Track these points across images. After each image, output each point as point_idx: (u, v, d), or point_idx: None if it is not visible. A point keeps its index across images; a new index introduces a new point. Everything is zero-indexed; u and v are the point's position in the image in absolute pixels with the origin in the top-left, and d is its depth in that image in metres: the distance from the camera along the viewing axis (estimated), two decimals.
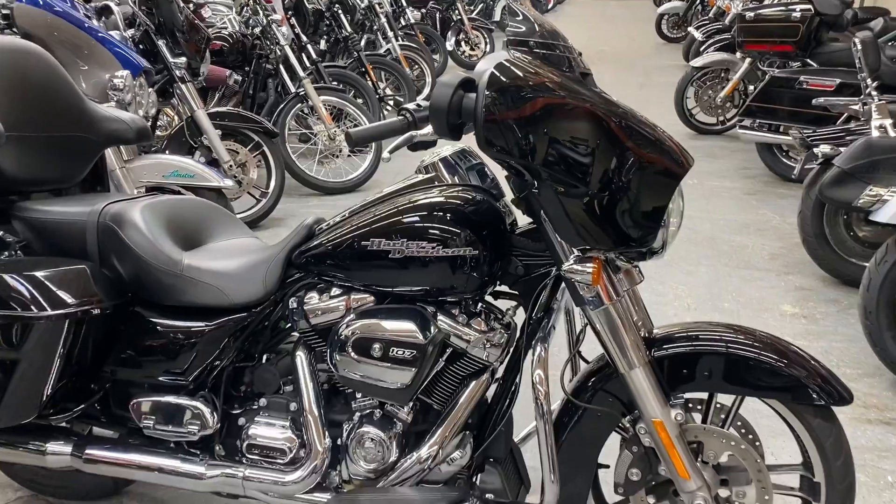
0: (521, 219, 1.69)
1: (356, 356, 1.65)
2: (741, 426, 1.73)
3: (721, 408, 1.72)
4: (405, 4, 9.01)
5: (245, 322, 1.80)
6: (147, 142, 2.61)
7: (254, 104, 5.64)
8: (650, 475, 1.70)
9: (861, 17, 5.93)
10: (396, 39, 7.73)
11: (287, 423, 1.80)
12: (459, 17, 10.00)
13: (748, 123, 5.10)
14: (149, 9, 4.16)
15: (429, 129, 1.56)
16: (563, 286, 1.68)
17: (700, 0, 11.78)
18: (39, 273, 1.74)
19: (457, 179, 1.72)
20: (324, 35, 7.11)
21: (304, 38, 5.92)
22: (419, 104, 1.52)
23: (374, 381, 1.65)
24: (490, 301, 1.75)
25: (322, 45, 7.03)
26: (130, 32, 4.08)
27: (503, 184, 1.71)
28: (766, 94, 4.96)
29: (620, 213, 1.43)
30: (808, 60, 5.31)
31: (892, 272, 2.72)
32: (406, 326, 1.62)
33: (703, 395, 1.71)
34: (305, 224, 1.81)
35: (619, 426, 1.73)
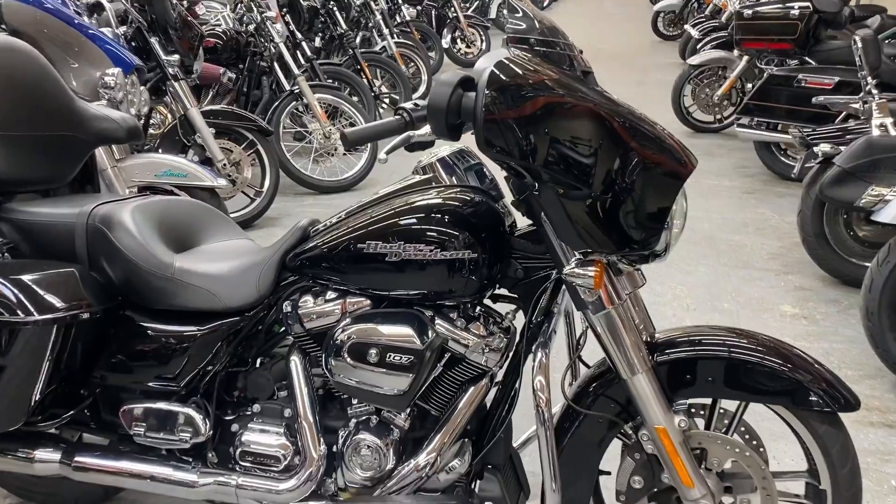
0: (521, 220, 1.65)
1: (352, 361, 1.61)
2: (745, 431, 1.70)
3: (724, 413, 1.69)
4: (401, 1, 8.97)
5: (238, 326, 1.76)
6: (138, 141, 2.57)
7: (248, 102, 5.59)
8: (653, 483, 1.67)
9: (858, 15, 5.90)
10: (392, 37, 7.68)
11: (281, 430, 1.76)
12: (455, 15, 9.95)
13: (746, 122, 5.08)
14: (141, 5, 4.12)
15: (426, 130, 1.52)
16: (564, 289, 1.65)
17: None
18: (26, 276, 1.70)
19: (455, 180, 1.69)
20: (319, 32, 7.06)
21: (299, 36, 5.88)
22: (416, 103, 1.48)
23: (371, 387, 1.62)
24: (489, 305, 1.72)
25: (317, 43, 6.98)
26: (122, 29, 4.03)
27: (502, 185, 1.68)
28: (765, 93, 4.93)
29: (623, 216, 1.40)
30: (807, 58, 5.29)
31: (895, 273, 2.69)
32: (403, 331, 1.59)
33: (707, 401, 1.67)
34: (300, 226, 1.77)
35: (621, 432, 1.69)
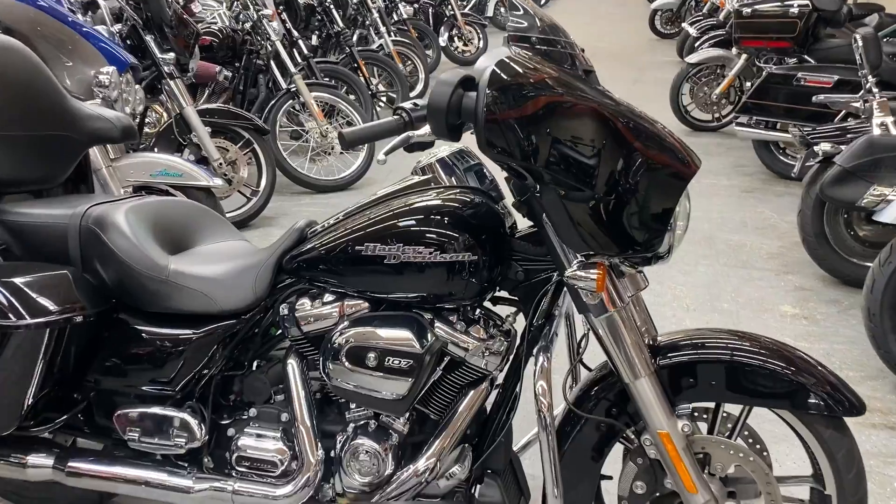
0: (521, 221, 1.63)
1: (350, 365, 1.59)
2: (748, 435, 1.68)
3: (728, 416, 1.67)
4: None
5: (234, 329, 1.73)
6: (133, 140, 2.54)
7: (244, 101, 5.56)
8: (655, 488, 1.65)
9: (856, 14, 5.88)
10: (389, 35, 7.65)
11: (278, 434, 1.73)
12: (452, 13, 9.91)
13: (745, 120, 5.05)
14: (136, 3, 4.07)
15: (426, 130, 1.49)
16: (565, 292, 1.63)
17: None
18: (18, 279, 1.67)
19: (454, 181, 1.66)
20: (315, 30, 7.02)
21: (296, 34, 5.84)
22: (416, 103, 1.46)
23: (369, 392, 1.59)
24: (489, 307, 1.69)
25: (313, 41, 6.95)
26: (117, 27, 4.00)
27: (502, 185, 1.65)
28: (764, 91, 4.90)
29: (626, 217, 1.38)
30: (806, 57, 5.26)
31: None
32: (402, 335, 1.56)
33: (710, 404, 1.65)
34: (297, 227, 1.74)
35: (623, 437, 1.67)
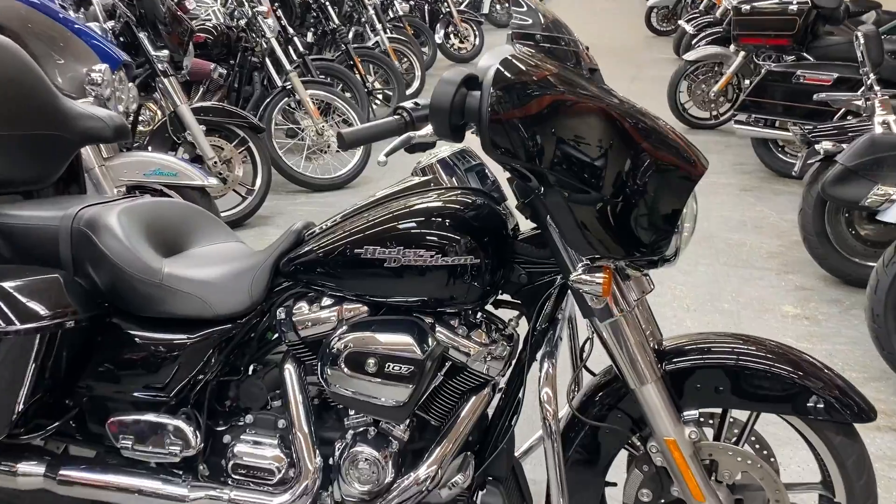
0: (523, 223, 1.59)
1: (349, 371, 1.55)
2: (755, 441, 1.65)
3: (734, 422, 1.64)
4: None
5: (230, 334, 1.69)
6: (126, 140, 2.50)
7: (239, 98, 5.52)
8: (661, 495, 1.62)
9: (853, 11, 5.86)
10: (385, 32, 7.60)
11: (275, 441, 1.69)
12: (448, 10, 9.87)
13: (743, 118, 5.03)
14: (130, 0, 4.03)
15: (427, 130, 1.45)
16: (568, 295, 1.59)
17: None
18: (7, 283, 1.62)
19: (455, 182, 1.62)
20: (311, 27, 6.98)
21: (291, 31, 5.80)
22: (417, 103, 1.42)
23: (369, 398, 1.55)
24: (491, 311, 1.66)
25: (309, 38, 6.91)
26: (110, 24, 3.96)
27: (504, 186, 1.61)
28: (762, 89, 4.87)
29: (634, 220, 1.35)
30: (805, 54, 5.24)
31: None
32: (402, 340, 1.52)
33: (716, 410, 1.62)
34: (294, 229, 1.70)
35: (629, 443, 1.64)
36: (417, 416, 1.64)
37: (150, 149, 3.96)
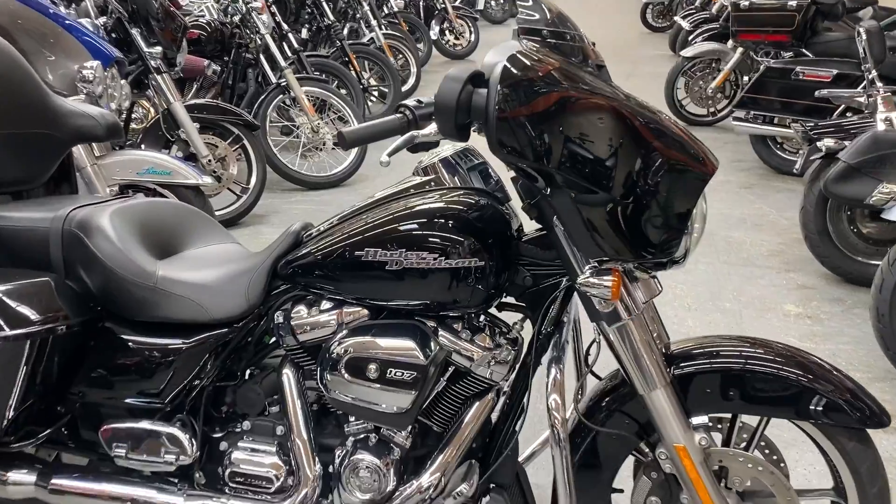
0: (527, 223, 1.55)
1: (349, 377, 1.51)
2: (765, 446, 1.61)
3: (743, 427, 1.60)
4: None
5: (226, 338, 1.65)
6: (118, 138, 2.44)
7: (233, 95, 5.46)
8: (671, 503, 1.57)
9: (849, 7, 5.83)
10: (380, 28, 7.55)
11: (273, 448, 1.65)
12: (443, 6, 9.83)
13: (742, 115, 4.99)
14: None
15: (431, 129, 1.41)
16: (573, 297, 1.55)
17: None
18: None
19: (458, 181, 1.58)
20: (305, 23, 6.93)
21: (286, 27, 5.75)
22: (420, 100, 1.38)
23: (370, 405, 1.51)
24: (494, 314, 1.61)
25: (304, 34, 6.85)
26: (102, 20, 3.90)
27: (508, 185, 1.57)
28: (761, 86, 4.84)
29: (644, 221, 1.31)
30: (804, 50, 5.21)
31: None
32: (405, 344, 1.48)
33: (726, 415, 1.58)
34: (292, 230, 1.65)
35: (636, 449, 1.60)
36: (419, 422, 1.60)
37: (143, 147, 3.91)
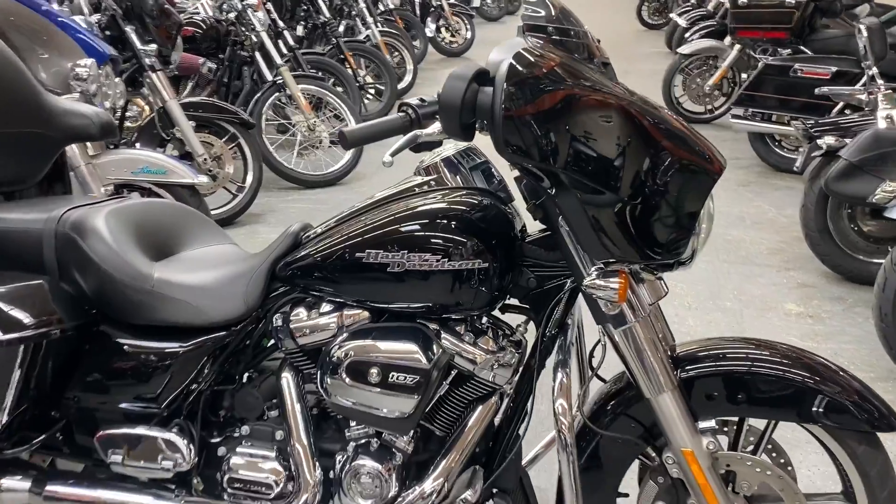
0: (531, 223, 1.52)
1: (350, 381, 1.48)
2: (771, 449, 1.59)
3: (750, 429, 1.58)
4: None
5: (224, 342, 1.62)
6: (112, 138, 2.41)
7: (228, 93, 5.42)
8: None
9: (846, 3, 5.81)
10: (376, 25, 7.51)
11: (273, 454, 1.62)
12: (439, 3, 9.78)
13: (740, 112, 4.98)
14: None
15: (434, 128, 1.38)
16: (578, 299, 1.52)
17: None
18: None
19: (460, 181, 1.55)
20: (301, 21, 6.88)
21: (281, 24, 5.70)
22: (423, 99, 1.35)
23: (371, 409, 1.48)
24: (497, 316, 1.59)
25: (299, 32, 6.80)
26: (96, 17, 3.86)
27: (511, 184, 1.54)
28: (759, 83, 4.83)
29: (653, 222, 1.28)
30: (802, 47, 5.19)
31: None
32: (407, 348, 1.45)
33: (733, 419, 1.56)
34: (291, 231, 1.62)
35: (643, 454, 1.57)
36: (422, 427, 1.57)
37: (138, 146, 3.87)
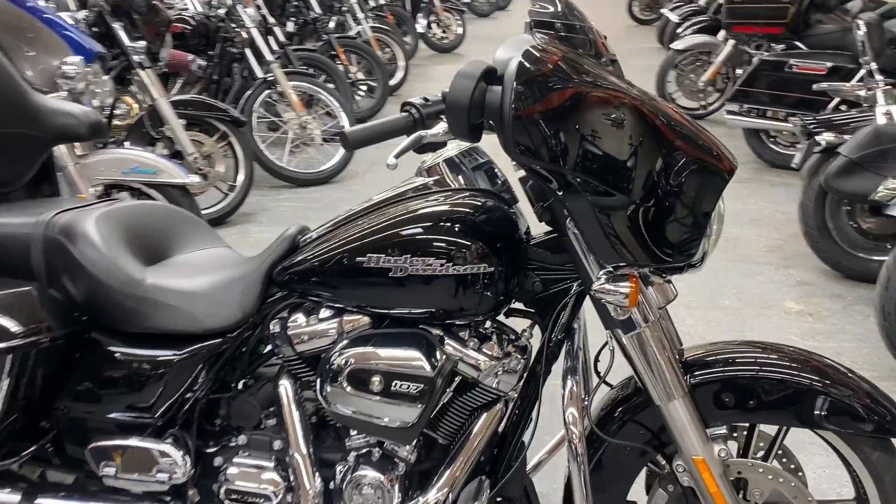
0: (535, 225, 1.48)
1: (351, 390, 1.43)
2: (782, 454, 1.56)
3: (760, 435, 1.54)
4: None
5: (220, 349, 1.56)
6: (101, 137, 2.35)
7: (219, 91, 5.36)
8: None
9: None
10: (367, 21, 7.45)
11: (271, 464, 1.57)
12: None
13: (735, 108, 4.96)
14: None
15: (438, 129, 1.33)
16: (584, 303, 1.48)
17: None
18: None
19: (462, 181, 1.50)
20: (292, 17, 6.81)
21: (272, 20, 5.63)
22: (426, 98, 1.30)
23: (373, 419, 1.44)
24: (501, 321, 1.54)
25: (290, 28, 6.73)
26: (83, 14, 3.80)
27: (515, 185, 1.50)
28: (755, 79, 4.80)
29: (664, 224, 1.25)
30: (797, 43, 5.17)
31: None
32: (410, 355, 1.40)
33: (744, 425, 1.52)
34: (288, 234, 1.57)
35: (652, 461, 1.53)
36: (425, 435, 1.52)
37: (127, 145, 3.81)
